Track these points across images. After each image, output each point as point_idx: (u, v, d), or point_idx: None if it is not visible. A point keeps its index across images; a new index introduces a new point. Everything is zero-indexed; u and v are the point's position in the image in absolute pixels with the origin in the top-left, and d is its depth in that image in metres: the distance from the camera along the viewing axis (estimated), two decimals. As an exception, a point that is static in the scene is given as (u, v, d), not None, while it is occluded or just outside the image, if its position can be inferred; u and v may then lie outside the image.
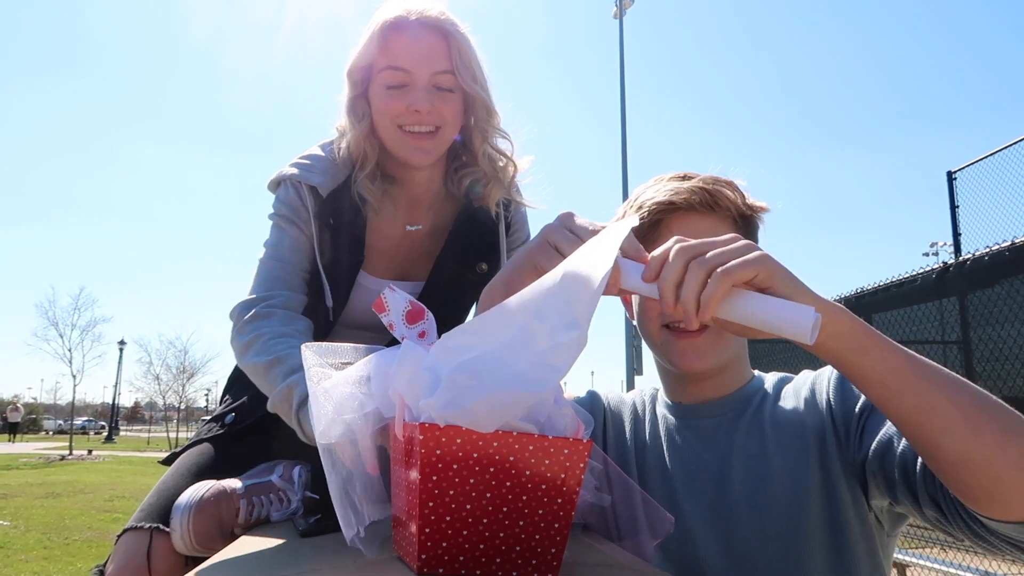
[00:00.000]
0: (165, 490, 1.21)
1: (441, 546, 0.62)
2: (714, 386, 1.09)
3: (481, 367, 0.59)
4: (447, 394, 0.58)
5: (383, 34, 1.31)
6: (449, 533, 0.62)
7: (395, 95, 1.31)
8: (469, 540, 0.62)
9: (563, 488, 0.63)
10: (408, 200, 1.47)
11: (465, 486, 0.61)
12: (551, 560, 0.64)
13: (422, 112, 1.30)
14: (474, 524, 0.62)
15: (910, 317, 7.45)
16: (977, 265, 6.47)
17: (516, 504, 0.63)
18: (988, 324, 6.36)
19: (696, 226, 1.02)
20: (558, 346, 0.59)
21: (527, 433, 0.62)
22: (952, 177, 7.46)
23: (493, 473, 0.61)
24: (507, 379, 0.58)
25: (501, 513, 0.63)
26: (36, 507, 8.48)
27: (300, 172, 1.38)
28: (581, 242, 0.73)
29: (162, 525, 1.11)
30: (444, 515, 0.61)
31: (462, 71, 1.32)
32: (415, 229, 1.48)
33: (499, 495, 0.62)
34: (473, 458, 0.60)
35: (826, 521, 0.95)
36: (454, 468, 0.60)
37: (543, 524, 0.64)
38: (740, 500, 0.99)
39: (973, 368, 6.56)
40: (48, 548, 6.09)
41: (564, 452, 0.62)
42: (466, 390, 0.58)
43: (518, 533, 0.63)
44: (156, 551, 1.09)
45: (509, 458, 0.61)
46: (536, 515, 0.63)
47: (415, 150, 1.34)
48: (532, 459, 0.62)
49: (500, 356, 0.60)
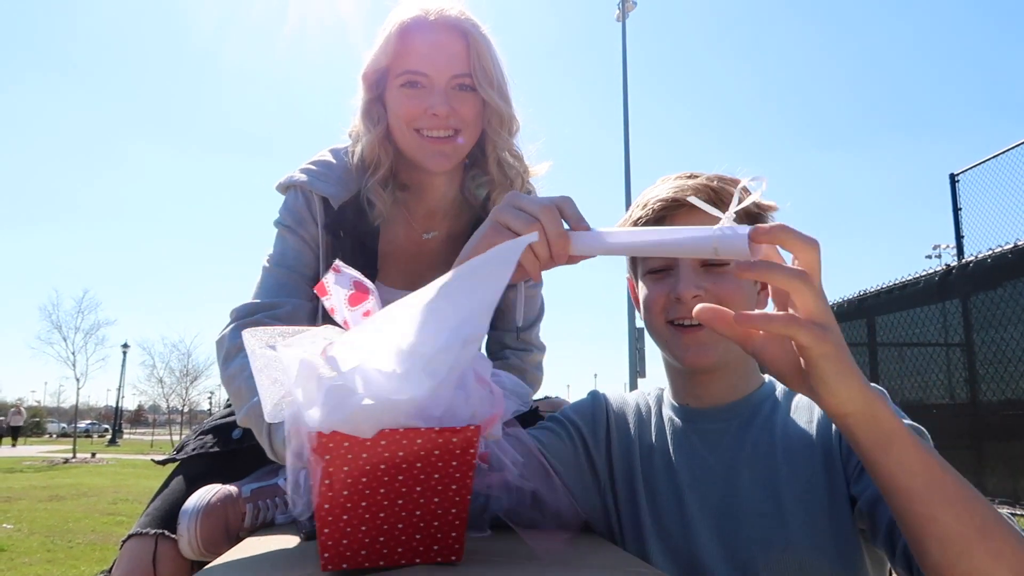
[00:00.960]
0: (170, 495, 1.20)
1: (342, 543, 0.65)
2: (721, 389, 1.08)
3: (363, 375, 0.62)
4: (330, 403, 0.61)
5: (401, 35, 1.26)
6: (348, 531, 0.64)
7: (412, 97, 1.27)
8: (369, 535, 0.65)
9: (456, 475, 0.66)
10: (424, 208, 1.43)
11: (358, 485, 0.63)
12: (452, 543, 0.67)
13: (440, 116, 1.26)
14: (372, 519, 0.65)
15: (913, 320, 7.44)
16: (980, 268, 6.46)
17: (411, 495, 0.65)
18: (991, 326, 6.34)
19: (700, 224, 1.01)
20: (441, 352, 0.62)
21: (413, 428, 0.63)
22: (955, 180, 7.45)
23: (384, 470, 0.63)
24: (383, 388, 0.61)
25: (397, 506, 0.65)
26: (40, 510, 8.48)
27: (310, 180, 1.33)
28: (533, 220, 0.75)
29: (167, 531, 1.11)
30: (341, 514, 0.64)
31: (479, 74, 1.27)
32: (431, 236, 1.44)
33: (393, 489, 0.64)
34: (363, 458, 0.62)
35: (833, 533, 0.94)
36: (344, 470, 0.62)
37: (440, 511, 0.66)
38: (746, 507, 0.99)
39: (976, 371, 6.55)
40: (51, 551, 6.09)
41: (453, 441, 0.64)
42: (346, 398, 0.60)
43: (416, 522, 0.66)
44: (161, 557, 1.09)
45: (398, 454, 0.63)
46: (432, 503, 0.66)
47: (433, 154, 1.29)
48: (421, 451, 0.63)
49: (385, 360, 0.62)
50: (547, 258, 0.76)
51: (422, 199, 1.42)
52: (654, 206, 1.04)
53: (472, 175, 1.43)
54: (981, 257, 6.49)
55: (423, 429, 0.63)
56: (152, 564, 1.09)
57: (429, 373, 0.62)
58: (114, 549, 1.14)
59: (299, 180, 1.33)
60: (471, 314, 0.64)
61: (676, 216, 1.03)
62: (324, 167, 1.36)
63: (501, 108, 1.32)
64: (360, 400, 0.60)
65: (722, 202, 1.01)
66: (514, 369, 1.49)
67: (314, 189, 1.32)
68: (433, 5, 1.28)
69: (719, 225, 0.68)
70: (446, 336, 0.62)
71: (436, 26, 1.26)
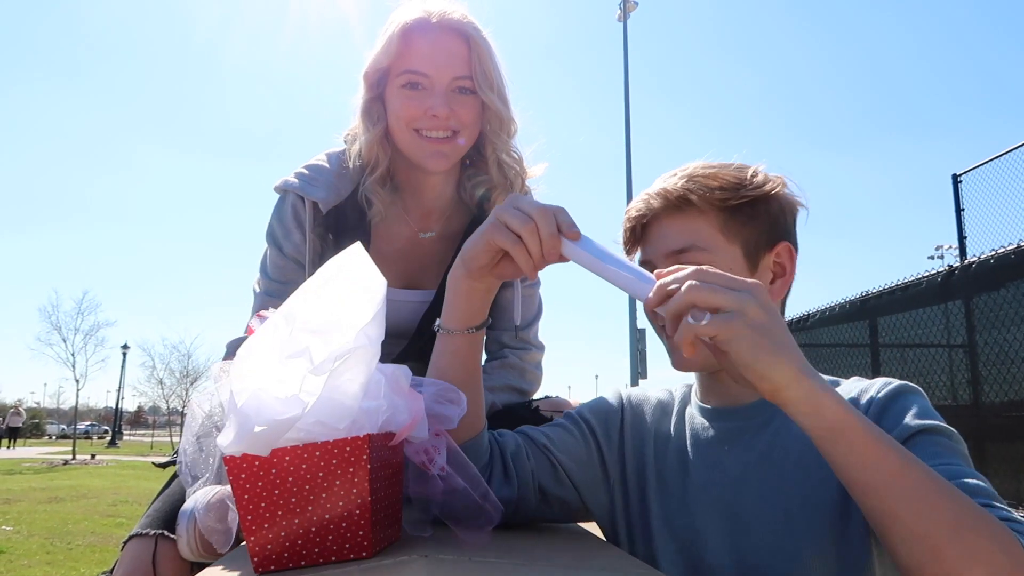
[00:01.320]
0: (170, 497, 1.20)
1: (267, 548, 0.74)
2: (743, 388, 1.02)
3: (257, 401, 0.70)
4: (233, 428, 0.70)
5: (403, 35, 1.29)
6: (270, 537, 0.74)
7: (413, 98, 1.29)
8: (289, 539, 0.74)
9: (354, 479, 0.73)
10: (419, 207, 1.45)
11: (272, 496, 0.73)
12: (361, 540, 0.75)
13: (440, 117, 1.28)
14: (288, 525, 0.74)
15: (915, 320, 7.43)
16: (982, 268, 6.45)
17: (318, 501, 0.73)
18: (994, 327, 6.33)
19: (667, 229, 1.01)
20: (318, 370, 0.70)
21: (311, 443, 0.72)
22: (958, 180, 7.44)
23: (292, 481, 0.73)
24: (270, 411, 0.69)
25: (307, 512, 0.73)
26: (39, 512, 8.48)
27: (301, 184, 1.36)
28: (530, 220, 0.83)
29: (167, 531, 1.10)
30: (263, 523, 0.73)
31: (480, 78, 1.30)
32: (428, 236, 1.46)
33: (302, 497, 0.73)
34: (272, 473, 0.72)
35: (840, 539, 0.91)
36: (259, 485, 0.73)
37: (345, 513, 0.74)
38: (756, 511, 0.96)
39: (979, 372, 6.54)
40: (51, 553, 6.09)
41: (346, 451, 0.73)
42: (245, 422, 0.69)
43: (327, 524, 0.74)
44: (161, 557, 1.09)
45: (301, 466, 0.73)
46: (337, 507, 0.74)
47: (432, 154, 1.31)
48: (321, 462, 0.73)
49: (270, 383, 0.72)
50: (539, 256, 0.83)
51: (418, 198, 1.44)
52: (624, 226, 1.07)
53: (468, 175, 1.45)
54: (984, 258, 6.47)
55: (319, 443, 0.72)
56: (152, 564, 1.08)
57: (306, 394, 0.71)
58: (114, 551, 1.13)
59: (291, 184, 1.37)
60: (341, 330, 0.73)
61: (648, 226, 1.04)
62: (316, 171, 1.39)
63: (501, 111, 1.34)
64: (253, 424, 0.68)
65: (686, 202, 0.99)
66: (512, 367, 1.49)
67: (304, 193, 1.35)
68: (436, 7, 1.30)
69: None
70: (322, 354, 0.71)
71: (438, 28, 1.28)
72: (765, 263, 1.01)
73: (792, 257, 1.03)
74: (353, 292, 0.77)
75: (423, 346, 1.48)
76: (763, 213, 1.01)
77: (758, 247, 1.00)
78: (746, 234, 0.99)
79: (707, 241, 0.98)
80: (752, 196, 0.99)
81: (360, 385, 0.74)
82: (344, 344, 0.72)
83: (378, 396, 0.77)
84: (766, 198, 1.01)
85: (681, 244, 0.99)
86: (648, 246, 1.04)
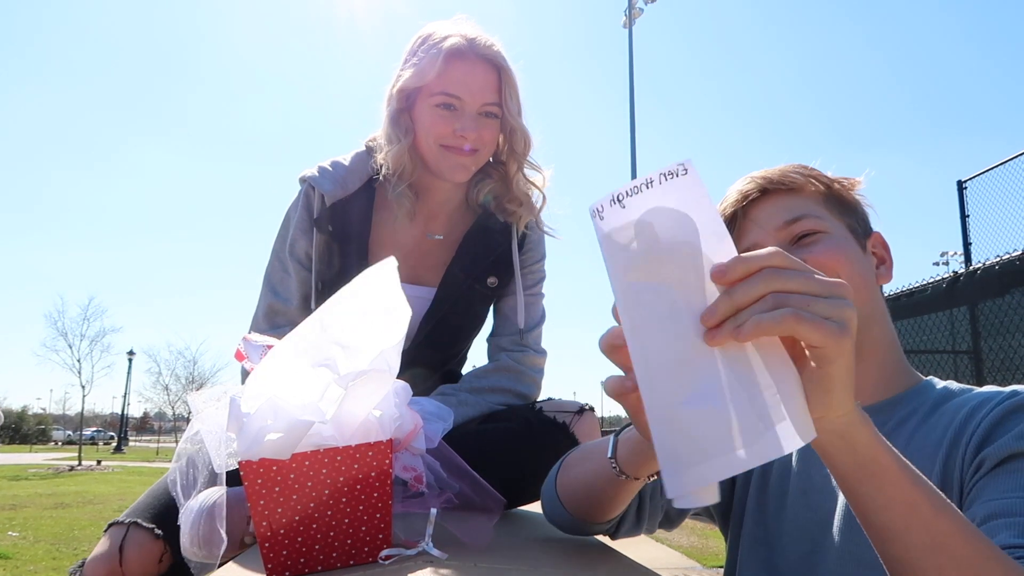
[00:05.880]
0: (155, 489, 1.23)
1: (282, 554, 0.72)
2: (864, 387, 0.95)
3: (273, 406, 0.70)
4: (250, 434, 0.69)
5: (445, 60, 1.39)
6: (286, 542, 0.72)
7: (444, 117, 1.41)
8: (306, 544, 0.73)
9: (376, 483, 0.74)
10: (426, 209, 1.55)
11: (290, 502, 0.71)
12: (380, 544, 0.75)
13: (467, 138, 1.41)
14: (306, 530, 0.73)
15: (921, 327, 7.41)
16: (988, 275, 6.42)
17: (338, 506, 0.73)
18: (999, 334, 6.31)
19: (774, 206, 0.97)
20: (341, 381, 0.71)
21: (332, 448, 0.72)
22: (963, 186, 7.42)
23: (312, 486, 0.72)
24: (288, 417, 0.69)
25: (327, 516, 0.73)
26: (45, 518, 8.50)
27: (316, 176, 1.48)
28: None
29: (140, 520, 1.14)
30: (278, 529, 0.72)
31: (510, 105, 1.44)
32: (435, 239, 1.55)
33: (322, 501, 0.72)
34: (290, 478, 0.71)
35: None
36: (276, 491, 0.71)
37: (366, 516, 0.74)
38: (848, 521, 0.88)
39: (984, 378, 6.51)
40: (57, 559, 6.10)
41: (368, 455, 0.73)
42: (262, 430, 0.69)
43: (346, 528, 0.73)
44: (129, 543, 1.13)
45: (322, 471, 0.72)
46: (357, 511, 0.73)
47: (455, 166, 1.44)
48: (342, 467, 0.72)
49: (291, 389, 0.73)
50: None
51: (426, 201, 1.54)
52: (724, 208, 1.01)
53: (475, 180, 1.54)
54: (989, 264, 6.45)
55: (341, 447, 0.72)
56: (119, 550, 1.12)
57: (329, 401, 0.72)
58: (119, 557, 1.18)
59: (308, 175, 1.49)
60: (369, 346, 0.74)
61: (751, 207, 0.99)
62: (333, 166, 1.51)
63: (526, 133, 1.50)
64: (271, 430, 0.69)
65: (794, 183, 0.98)
66: (507, 370, 1.51)
67: (316, 184, 1.47)
68: (473, 33, 1.43)
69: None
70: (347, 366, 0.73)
71: (475, 57, 1.41)
72: (868, 246, 1.00)
73: (887, 246, 1.02)
74: (380, 312, 0.79)
75: (428, 353, 1.51)
76: (855, 205, 1.01)
77: (858, 233, 0.99)
78: (847, 219, 0.98)
79: (820, 211, 0.96)
80: (845, 187, 1.01)
81: (377, 399, 0.76)
82: (366, 362, 0.73)
83: (390, 407, 0.79)
84: (853, 194, 1.02)
85: (795, 214, 0.96)
86: (755, 227, 0.98)
